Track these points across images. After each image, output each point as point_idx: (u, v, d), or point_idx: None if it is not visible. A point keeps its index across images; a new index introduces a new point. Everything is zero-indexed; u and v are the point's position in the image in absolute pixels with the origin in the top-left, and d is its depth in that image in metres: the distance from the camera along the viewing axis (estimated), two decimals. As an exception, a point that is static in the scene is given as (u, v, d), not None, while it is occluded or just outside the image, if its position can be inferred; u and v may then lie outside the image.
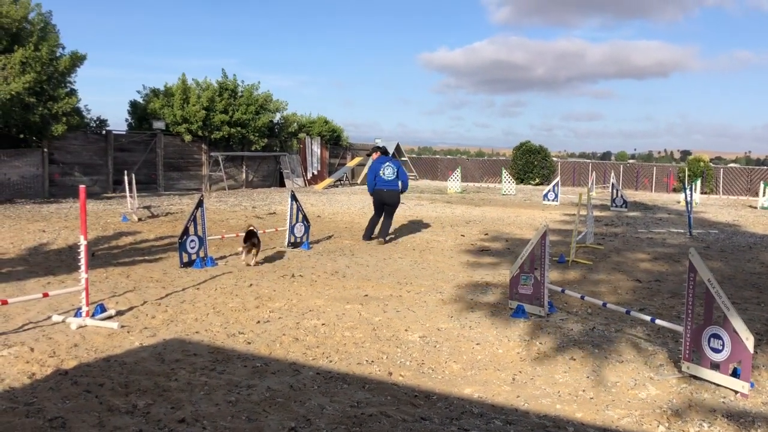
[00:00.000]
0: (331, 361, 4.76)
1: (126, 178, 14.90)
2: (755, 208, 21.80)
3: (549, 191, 21.75)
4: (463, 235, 12.21)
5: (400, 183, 11.06)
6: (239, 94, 24.55)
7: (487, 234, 12.56)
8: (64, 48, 17.80)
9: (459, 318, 6.07)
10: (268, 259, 8.99)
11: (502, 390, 4.29)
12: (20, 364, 4.50)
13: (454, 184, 26.77)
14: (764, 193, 21.80)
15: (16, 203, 16.51)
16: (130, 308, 6.12)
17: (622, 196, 19.64)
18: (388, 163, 11.04)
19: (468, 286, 7.56)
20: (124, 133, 22.02)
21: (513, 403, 4.06)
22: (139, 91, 23.73)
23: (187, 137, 22.70)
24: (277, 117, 26.60)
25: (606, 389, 4.35)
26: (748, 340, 4.18)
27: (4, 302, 5.46)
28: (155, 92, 23.34)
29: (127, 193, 14.51)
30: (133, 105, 23.56)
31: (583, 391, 4.31)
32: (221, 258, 8.98)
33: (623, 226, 14.77)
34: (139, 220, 13.41)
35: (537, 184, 33.17)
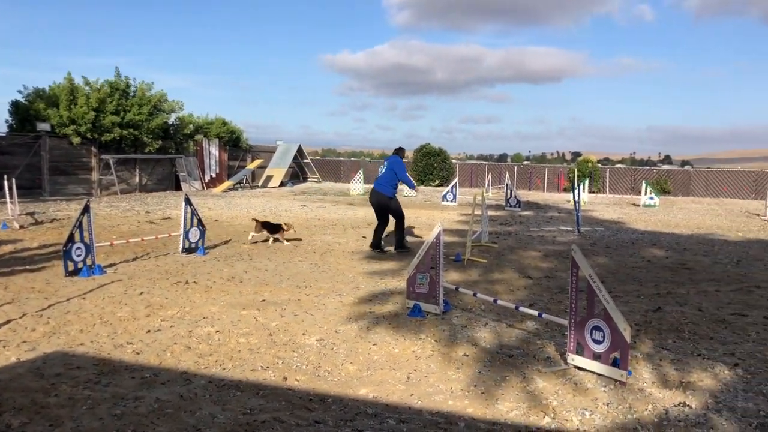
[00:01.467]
0: (224, 369, 4.65)
1: (6, 183, 13.93)
2: (638, 206, 23.21)
3: (447, 192, 22.24)
4: (364, 237, 12.27)
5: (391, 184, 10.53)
6: (131, 94, 23.58)
7: (387, 236, 12.67)
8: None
9: (357, 320, 6.08)
10: (161, 266, 8.68)
11: (396, 389, 4.33)
12: None
13: (356, 186, 26.87)
14: (646, 191, 23.26)
15: None
16: (7, 321, 5.73)
17: (516, 197, 20.39)
18: (385, 162, 10.88)
19: (368, 287, 7.59)
20: (4, 135, 20.63)
21: (407, 402, 4.11)
22: (20, 91, 22.33)
23: (76, 139, 21.55)
24: (173, 118, 25.77)
25: (496, 383, 4.48)
26: (626, 331, 4.43)
27: None
28: (39, 92, 22.02)
29: (8, 199, 13.59)
30: (15, 105, 22.10)
31: (475, 386, 4.42)
32: (110, 266, 8.58)
33: (516, 225, 15.33)
34: (21, 227, 12.58)
35: (437, 186, 33.85)
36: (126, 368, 4.60)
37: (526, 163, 47.67)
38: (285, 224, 11.33)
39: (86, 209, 8.01)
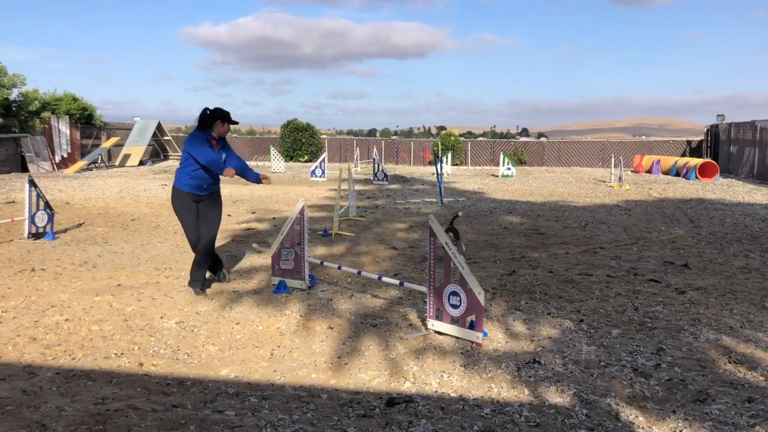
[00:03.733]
0: (74, 359, 4.37)
1: None
2: (497, 176, 24.36)
3: (316, 168, 22.18)
4: (229, 215, 11.96)
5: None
6: (-37, 67, 21.38)
7: (254, 213, 12.46)
8: None
9: (220, 299, 5.94)
10: (3, 254, 7.99)
11: (259, 367, 4.28)
12: None
13: (221, 163, 26.06)
14: (504, 162, 24.43)
15: None
16: None
17: (383, 170, 20.71)
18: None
19: (231, 266, 7.42)
20: None
21: (269, 378, 4.07)
22: None
23: None
24: (14, 93, 23.67)
25: (359, 353, 4.55)
26: (481, 295, 4.64)
27: None
28: None
29: None
30: None
31: (339, 357, 4.46)
32: (-58, 256, 7.78)
33: (384, 198, 15.60)
34: None
35: (306, 161, 33.65)
36: (-41, 366, 4.21)
37: (394, 137, 48.52)
38: None
39: None
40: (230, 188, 17.79)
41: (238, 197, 15.45)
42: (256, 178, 6.40)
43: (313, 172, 22.21)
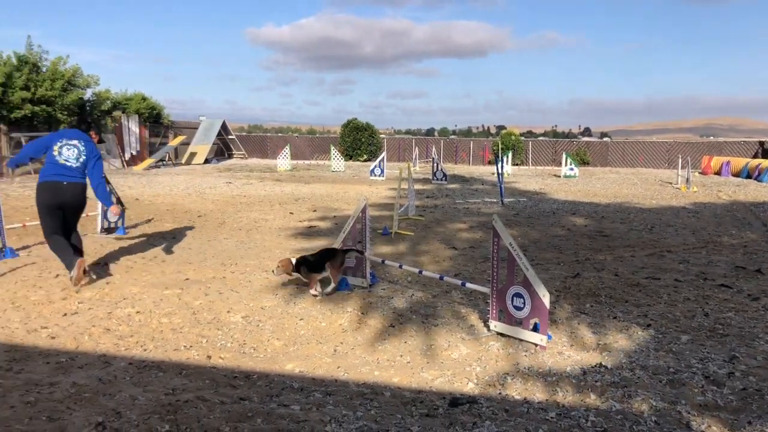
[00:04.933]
0: (145, 350, 4.53)
1: None
2: (559, 177, 23.94)
3: (375, 167, 22.28)
4: (292, 213, 12.16)
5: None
6: (43, 68, 22.38)
7: (315, 211, 12.62)
8: None
9: (284, 295, 6.04)
10: (79, 247, 8.34)
11: (323, 362, 4.34)
12: None
13: (283, 162, 26.53)
14: (566, 163, 23.99)
15: None
16: None
17: (442, 170, 20.64)
18: (75, 141, 6.62)
19: (294, 263, 7.53)
20: None
21: (333, 374, 4.12)
22: None
23: (-19, 117, 20.35)
24: (88, 93, 24.67)
25: (422, 353, 4.55)
26: (545, 297, 4.57)
27: None
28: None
29: None
30: None
31: (401, 356, 4.48)
32: (24, 248, 8.18)
33: (443, 198, 15.54)
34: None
35: (365, 161, 33.86)
36: (40, 354, 4.41)
37: (452, 137, 48.27)
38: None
39: (-7, 190, 7.57)
40: (292, 187, 18.09)
41: (300, 195, 15.68)
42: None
43: (372, 171, 22.33)
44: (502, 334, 4.89)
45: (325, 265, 6.03)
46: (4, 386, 3.81)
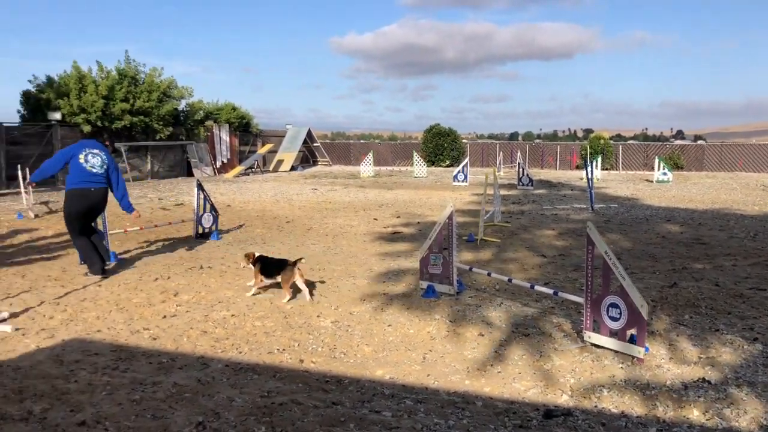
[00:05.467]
0: (240, 352, 4.67)
1: (20, 172, 14.01)
2: (651, 182, 23.03)
3: (458, 172, 22.15)
4: (376, 219, 12.26)
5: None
6: (141, 81, 23.58)
7: (399, 217, 12.67)
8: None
9: (371, 301, 6.08)
10: (175, 252, 8.71)
11: (412, 370, 4.33)
12: None
13: (366, 168, 26.81)
14: (659, 167, 23.06)
15: None
16: (26, 309, 5.77)
17: (528, 175, 20.27)
18: (97, 150, 7.39)
19: (380, 269, 7.59)
20: (16, 125, 20.70)
21: (423, 382, 4.11)
22: (30, 81, 22.36)
23: (86, 128, 21.58)
24: (182, 104, 25.78)
25: (513, 362, 4.47)
26: (643, 308, 4.39)
27: None
28: (50, 82, 22.05)
29: (22, 189, 13.68)
30: (26, 96, 22.16)
31: (491, 365, 4.41)
32: (125, 252, 8.63)
33: (529, 204, 15.26)
34: (36, 216, 12.66)
35: (447, 166, 33.73)
36: (143, 354, 4.63)
37: (537, 141, 47.39)
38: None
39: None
40: (375, 193, 18.25)
41: (383, 201, 15.79)
42: None
43: (455, 176, 22.21)
44: (596, 345, 4.73)
45: (274, 274, 6.21)
46: (112, 384, 4.02)
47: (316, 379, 4.15)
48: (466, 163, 22.47)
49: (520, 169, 20.65)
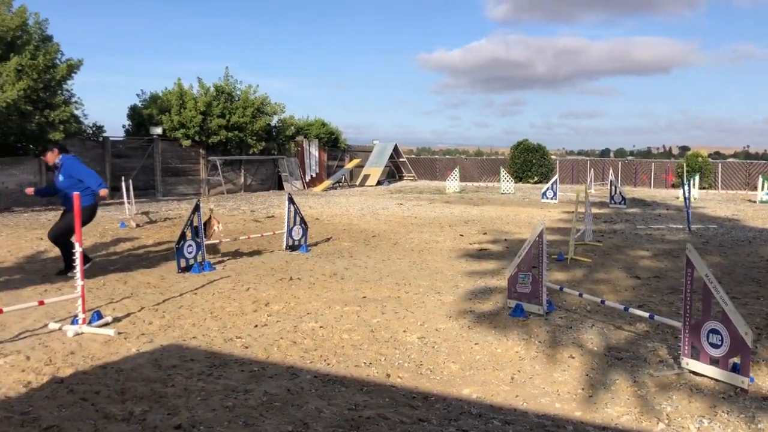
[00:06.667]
0: (328, 364, 4.74)
1: (123, 184, 14.87)
2: (754, 202, 21.78)
3: (547, 189, 21.72)
4: (462, 235, 12.19)
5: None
6: (236, 97, 24.54)
7: (486, 233, 12.54)
8: (62, 55, 17.70)
9: (458, 318, 6.04)
10: (266, 263, 8.97)
11: (500, 390, 4.26)
12: (16, 373, 4.47)
13: (452, 183, 26.74)
14: (763, 187, 21.78)
15: (14, 211, 16.49)
16: (128, 314, 6.09)
17: (620, 193, 19.62)
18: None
19: (467, 285, 7.53)
20: (121, 139, 22.00)
21: (512, 403, 4.03)
22: (138, 95, 23.74)
23: (185, 142, 22.68)
24: (275, 120, 26.61)
25: (605, 387, 4.32)
26: (747, 335, 4.16)
27: (0, 311, 5.43)
28: (154, 98, 23.33)
29: (125, 199, 14.50)
30: (132, 110, 23.53)
31: (582, 389, 4.28)
32: (219, 262, 8.96)
33: (622, 223, 14.75)
34: (137, 225, 13.38)
35: (536, 183, 33.14)
36: (235, 361, 4.78)
37: (630, 158, 45.82)
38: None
39: (197, 208, 8.41)
40: (461, 208, 18.15)
41: (469, 217, 15.68)
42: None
43: (544, 193, 21.79)
44: (695, 373, 4.51)
45: None
46: (206, 390, 4.17)
47: (402, 394, 4.16)
48: (556, 179, 22.01)
49: (612, 187, 20.01)
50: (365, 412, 3.82)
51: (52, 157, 7.75)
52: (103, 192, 7.73)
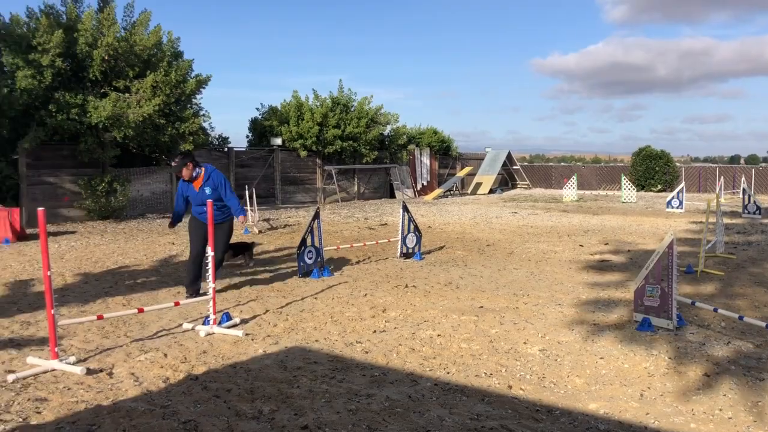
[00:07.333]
0: (448, 373, 4.72)
1: (247, 192, 15.57)
2: None
3: (673, 198, 20.60)
4: (581, 246, 11.80)
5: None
6: (351, 108, 25.12)
7: (607, 244, 12.07)
8: (191, 71, 18.85)
9: (580, 331, 5.85)
10: (382, 270, 9.09)
11: (629, 406, 4.07)
12: (156, 368, 4.79)
13: (569, 192, 25.95)
14: None
15: (148, 218, 17.69)
16: (254, 317, 6.37)
17: (755, 202, 18.26)
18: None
19: (588, 297, 7.28)
20: (244, 149, 23.09)
21: (642, 421, 3.84)
22: (258, 109, 24.86)
23: (303, 152, 23.45)
24: (388, 129, 26.97)
25: (746, 409, 4.03)
26: None
27: (141, 311, 5.84)
28: (273, 110, 24.32)
29: (248, 207, 15.18)
30: (253, 122, 24.65)
31: (720, 410, 4.01)
32: (337, 269, 9.17)
33: (758, 234, 13.72)
34: (260, 232, 13.98)
35: (659, 191, 31.52)
36: (357, 366, 4.87)
37: (763, 165, 42.64)
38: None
39: (316, 216, 8.67)
40: (579, 218, 17.58)
41: (589, 227, 15.15)
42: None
43: (669, 202, 20.68)
44: None
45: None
46: (330, 392, 4.28)
47: (525, 406, 4.07)
48: (682, 187, 20.83)
49: (746, 196, 18.67)
50: (488, 422, 3.78)
51: (188, 172, 7.45)
52: (242, 219, 7.61)
